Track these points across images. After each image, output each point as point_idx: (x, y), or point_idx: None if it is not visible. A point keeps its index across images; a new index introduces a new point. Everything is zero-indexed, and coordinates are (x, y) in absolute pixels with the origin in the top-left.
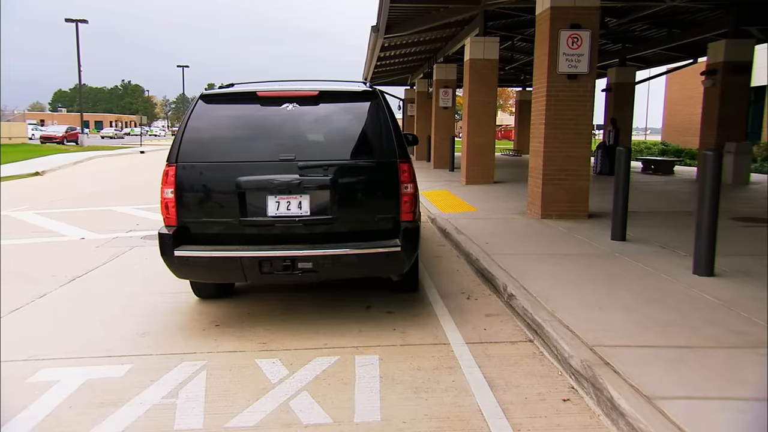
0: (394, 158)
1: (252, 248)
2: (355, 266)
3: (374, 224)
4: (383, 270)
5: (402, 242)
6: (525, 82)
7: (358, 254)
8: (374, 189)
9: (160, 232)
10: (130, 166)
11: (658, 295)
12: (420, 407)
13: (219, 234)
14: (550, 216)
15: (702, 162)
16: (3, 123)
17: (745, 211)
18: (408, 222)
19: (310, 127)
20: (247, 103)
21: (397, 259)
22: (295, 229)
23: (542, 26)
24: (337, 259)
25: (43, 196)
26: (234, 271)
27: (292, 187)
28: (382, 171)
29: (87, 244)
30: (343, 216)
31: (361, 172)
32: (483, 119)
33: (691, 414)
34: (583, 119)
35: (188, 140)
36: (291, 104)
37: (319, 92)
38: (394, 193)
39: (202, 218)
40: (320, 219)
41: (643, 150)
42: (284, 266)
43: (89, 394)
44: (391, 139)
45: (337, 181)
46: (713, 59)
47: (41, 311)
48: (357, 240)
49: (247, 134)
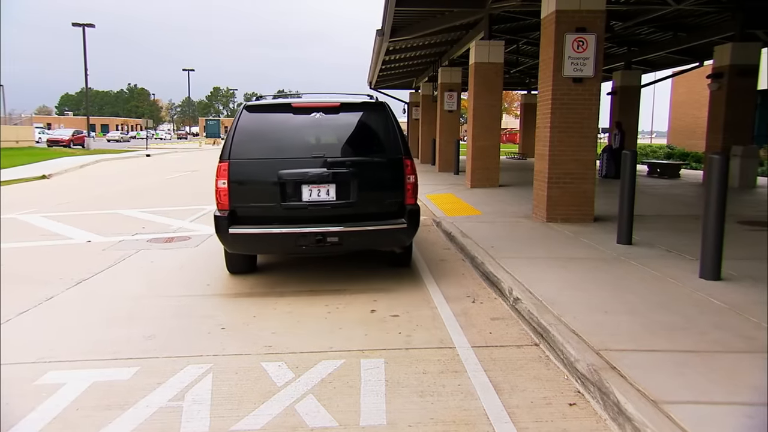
0: (400, 155)
1: (291, 226)
2: (370, 239)
3: (385, 207)
4: (391, 243)
5: (407, 221)
6: (530, 86)
7: (374, 230)
8: (385, 179)
9: (216, 215)
10: (136, 169)
11: (664, 298)
12: (426, 411)
13: (262, 216)
14: (555, 219)
15: (708, 165)
16: (11, 127)
17: (751, 214)
18: (411, 205)
19: (334, 131)
20: (283, 112)
21: (403, 233)
22: (324, 211)
23: (547, 30)
24: (357, 234)
25: (50, 199)
26: (277, 245)
27: (322, 178)
28: (391, 165)
29: (93, 247)
30: (362, 200)
31: (375, 166)
32: (488, 122)
33: (698, 419)
34: (588, 122)
35: (237, 141)
36: (318, 113)
37: (340, 104)
38: (400, 183)
39: (249, 203)
40: (344, 203)
41: (648, 153)
42: (317, 240)
43: (96, 397)
44: (397, 140)
45: (356, 173)
46: (719, 62)
47: (48, 314)
48: (372, 219)
49: (284, 136)
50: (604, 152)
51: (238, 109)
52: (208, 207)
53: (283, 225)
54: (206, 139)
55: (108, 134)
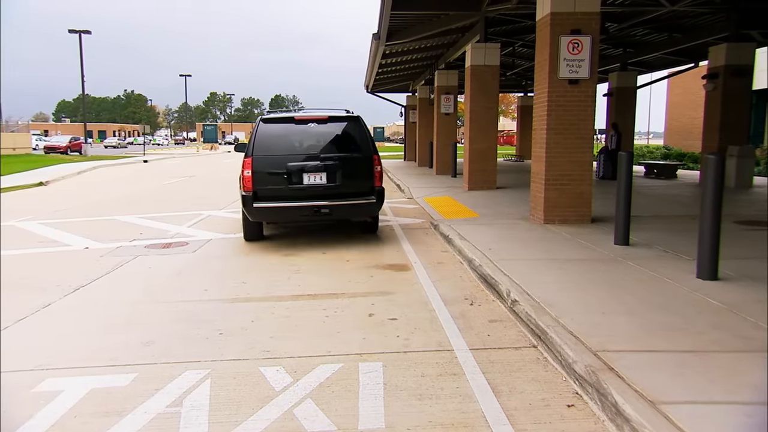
0: (371, 153)
1: (296, 201)
2: (351, 210)
3: (360, 188)
4: (365, 213)
5: (376, 197)
6: (526, 88)
7: (353, 204)
8: (360, 169)
9: (243, 195)
10: (134, 175)
11: (661, 299)
12: (424, 414)
13: (275, 195)
14: (552, 221)
15: (705, 166)
16: (8, 134)
17: (748, 214)
18: (378, 187)
19: (324, 136)
20: (288, 123)
21: (374, 206)
22: (319, 191)
23: (543, 32)
24: (342, 206)
25: (47, 206)
26: (286, 215)
27: (317, 168)
28: (365, 160)
29: (91, 253)
30: (344, 184)
31: (353, 160)
32: (485, 125)
33: (696, 419)
34: (584, 124)
35: (257, 143)
36: (312, 123)
37: (328, 117)
38: (371, 172)
39: (266, 186)
40: (332, 185)
41: (645, 154)
42: (314, 211)
43: (94, 404)
44: (368, 142)
45: (340, 165)
46: (714, 63)
47: (46, 321)
48: (352, 197)
49: (290, 140)
50: (600, 154)
51: (256, 120)
52: (205, 212)
53: (290, 201)
54: (204, 144)
55: (105, 140)
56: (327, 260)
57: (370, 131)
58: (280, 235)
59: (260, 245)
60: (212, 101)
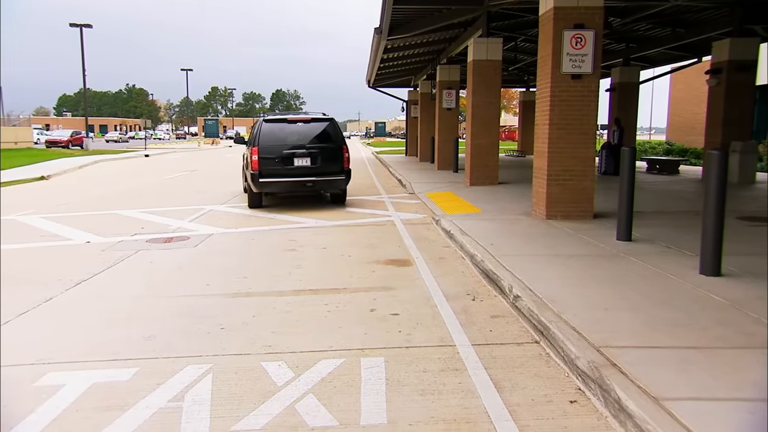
0: (341, 144)
1: (290, 178)
2: (328, 185)
3: (333, 168)
4: (337, 187)
5: (344, 175)
6: (529, 83)
7: (329, 179)
8: (334, 155)
9: (252, 173)
10: (135, 169)
11: (664, 295)
12: (426, 409)
13: (275, 173)
14: (555, 217)
15: (707, 161)
16: (9, 128)
17: (751, 210)
18: (346, 168)
19: (309, 131)
20: (283, 122)
21: (343, 182)
22: (305, 170)
23: (546, 26)
24: (322, 181)
25: (48, 200)
26: (283, 187)
27: (304, 154)
28: (337, 149)
29: (92, 247)
30: (323, 165)
31: (329, 149)
32: (486, 120)
33: (700, 415)
34: (587, 119)
35: (262, 137)
36: (300, 123)
37: (311, 118)
38: (341, 157)
39: (270, 166)
40: (315, 166)
41: (647, 150)
42: (302, 185)
43: (95, 398)
44: (339, 136)
45: (320, 152)
46: (718, 58)
47: (47, 315)
48: (328, 175)
49: (284, 134)
50: (603, 149)
51: (259, 120)
52: (207, 207)
53: (285, 177)
54: (205, 138)
55: (106, 135)
56: (328, 255)
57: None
58: (281, 231)
59: (262, 240)
60: (213, 96)
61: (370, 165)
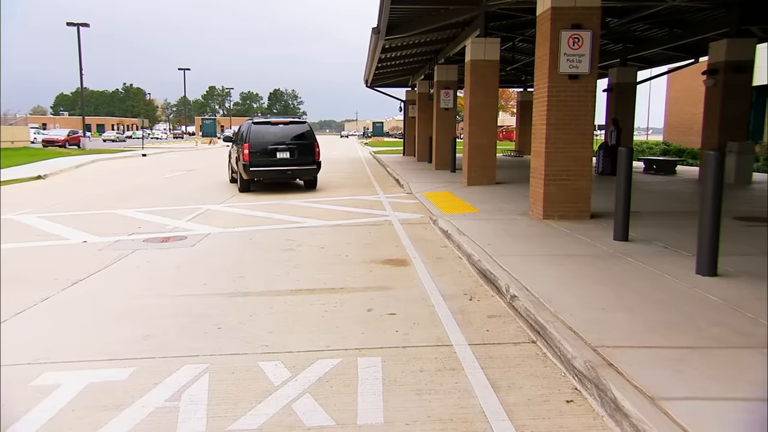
0: (313, 141)
1: (274, 167)
2: (303, 173)
3: (307, 160)
4: (310, 175)
5: (315, 166)
6: (526, 83)
7: (304, 168)
8: (308, 150)
9: (243, 163)
10: (133, 169)
11: (661, 295)
12: (423, 409)
13: (262, 163)
14: (552, 217)
15: (704, 162)
16: (6, 127)
17: (747, 210)
18: (317, 160)
19: (288, 131)
20: (268, 125)
21: (314, 170)
22: (286, 161)
23: (543, 27)
24: (298, 170)
25: (45, 199)
26: (267, 175)
27: (285, 149)
28: (310, 145)
29: (89, 247)
30: (299, 157)
31: (304, 145)
32: (484, 120)
33: (696, 415)
34: (584, 119)
35: (252, 136)
36: (281, 125)
37: (290, 121)
38: (313, 151)
39: (258, 158)
40: (293, 159)
41: (645, 150)
42: (283, 173)
43: (92, 398)
44: (312, 135)
45: (297, 147)
46: (715, 59)
47: (44, 315)
48: (303, 165)
49: (269, 133)
50: (600, 149)
51: (249, 123)
52: (204, 206)
53: (269, 166)
54: (202, 138)
55: (104, 134)
56: (326, 255)
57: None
58: (279, 231)
59: (260, 240)
60: (211, 95)
61: (367, 165)
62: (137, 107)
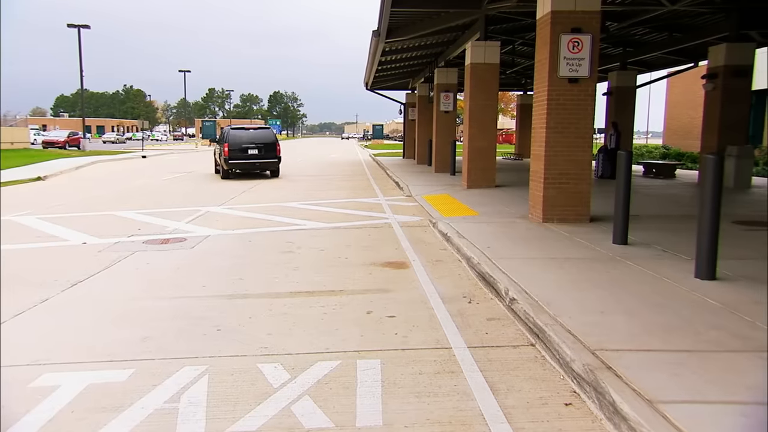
0: (276, 142)
1: (246, 160)
2: (267, 165)
3: (271, 156)
4: (273, 167)
5: (277, 159)
6: (526, 86)
7: (268, 161)
8: (271, 148)
9: (225, 158)
10: (133, 170)
11: (660, 298)
12: (422, 412)
13: (238, 158)
14: (551, 220)
15: (704, 166)
16: (6, 128)
17: (746, 214)
18: (278, 155)
19: (257, 135)
20: (242, 130)
21: (276, 163)
22: (255, 156)
23: (543, 30)
24: (264, 163)
25: (45, 200)
26: (242, 167)
27: (254, 147)
28: (274, 144)
29: (89, 248)
30: (265, 154)
31: (269, 144)
32: (484, 123)
33: (694, 418)
34: (584, 123)
35: (230, 138)
36: (251, 129)
37: (258, 126)
38: (275, 149)
39: (234, 154)
40: (261, 155)
41: (644, 154)
42: (254, 165)
43: (91, 399)
44: (275, 137)
45: (264, 146)
46: (714, 63)
47: (43, 316)
48: (268, 159)
49: (243, 136)
50: (599, 153)
51: (228, 128)
52: (203, 208)
53: (243, 160)
54: (202, 140)
55: (104, 135)
56: (325, 257)
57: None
58: (279, 233)
59: (259, 242)
60: (211, 97)
61: (367, 167)
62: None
